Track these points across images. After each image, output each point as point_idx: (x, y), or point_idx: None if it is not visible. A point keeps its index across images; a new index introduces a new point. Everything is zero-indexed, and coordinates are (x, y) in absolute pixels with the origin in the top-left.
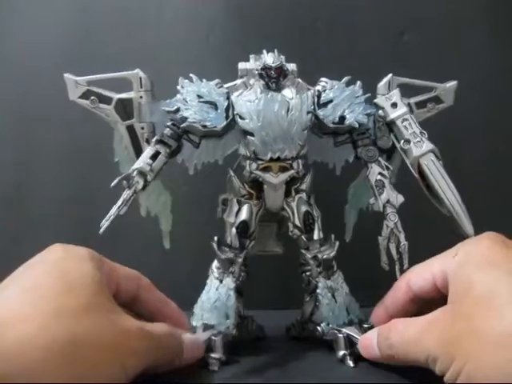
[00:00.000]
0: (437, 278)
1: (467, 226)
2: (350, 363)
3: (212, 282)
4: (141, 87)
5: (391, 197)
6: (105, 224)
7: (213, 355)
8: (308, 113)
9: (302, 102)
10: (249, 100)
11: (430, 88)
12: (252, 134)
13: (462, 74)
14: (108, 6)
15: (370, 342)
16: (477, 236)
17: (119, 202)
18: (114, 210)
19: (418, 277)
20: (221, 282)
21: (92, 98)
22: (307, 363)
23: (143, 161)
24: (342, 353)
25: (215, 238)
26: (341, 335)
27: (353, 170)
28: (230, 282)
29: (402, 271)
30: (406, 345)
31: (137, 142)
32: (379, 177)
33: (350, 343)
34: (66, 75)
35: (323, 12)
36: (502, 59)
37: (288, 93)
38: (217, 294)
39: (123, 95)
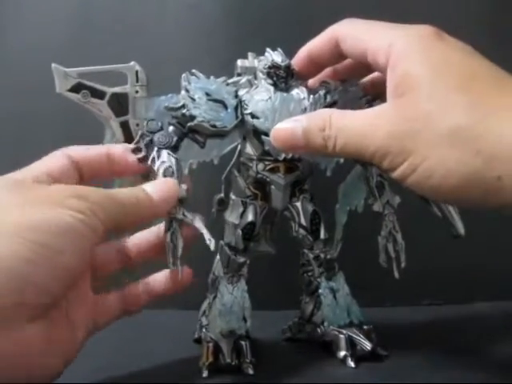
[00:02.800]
0: (370, 54)
1: (459, 225)
2: (351, 364)
3: (224, 289)
4: (137, 81)
5: (390, 198)
6: None
7: (246, 360)
8: None
9: (315, 102)
10: (263, 99)
11: None
12: (266, 134)
13: None
14: (107, 5)
15: (290, 132)
16: (412, 27)
17: None
18: None
19: (352, 40)
20: (232, 285)
21: (83, 91)
22: (306, 364)
23: None
24: (343, 353)
25: (222, 242)
26: (342, 336)
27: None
28: (243, 284)
29: (400, 268)
30: (349, 138)
31: (131, 140)
32: (379, 178)
33: (351, 344)
34: (54, 65)
35: (323, 12)
36: (502, 59)
37: (300, 92)
38: (232, 297)
39: (117, 89)
